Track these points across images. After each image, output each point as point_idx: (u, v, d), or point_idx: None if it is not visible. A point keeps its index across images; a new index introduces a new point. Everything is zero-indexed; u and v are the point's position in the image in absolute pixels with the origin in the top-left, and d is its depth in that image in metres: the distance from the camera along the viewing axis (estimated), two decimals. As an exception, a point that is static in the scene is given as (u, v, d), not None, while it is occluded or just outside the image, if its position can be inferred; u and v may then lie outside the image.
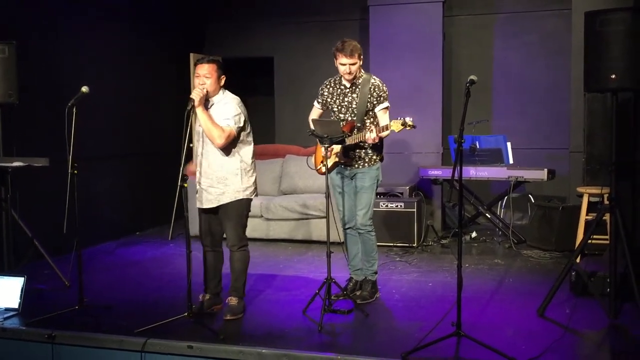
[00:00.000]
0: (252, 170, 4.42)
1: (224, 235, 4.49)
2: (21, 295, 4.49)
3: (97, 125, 6.66)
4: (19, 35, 5.46)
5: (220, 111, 4.25)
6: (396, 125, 4.31)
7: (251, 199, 4.46)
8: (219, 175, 4.30)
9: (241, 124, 4.27)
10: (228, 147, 4.27)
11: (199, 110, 4.16)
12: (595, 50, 4.19)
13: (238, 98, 4.36)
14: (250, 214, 6.78)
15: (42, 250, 5.28)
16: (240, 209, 4.39)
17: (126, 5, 7.44)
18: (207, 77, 4.22)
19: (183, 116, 4.20)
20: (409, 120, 4.28)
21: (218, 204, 4.34)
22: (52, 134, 4.79)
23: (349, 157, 4.64)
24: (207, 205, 4.35)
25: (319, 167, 4.81)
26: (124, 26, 7.42)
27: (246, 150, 4.38)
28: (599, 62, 4.16)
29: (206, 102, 4.28)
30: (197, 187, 4.39)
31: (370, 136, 4.41)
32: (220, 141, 4.18)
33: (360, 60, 4.58)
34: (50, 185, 5.50)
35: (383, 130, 4.41)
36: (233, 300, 4.41)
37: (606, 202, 4.45)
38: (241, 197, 4.36)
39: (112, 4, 7.19)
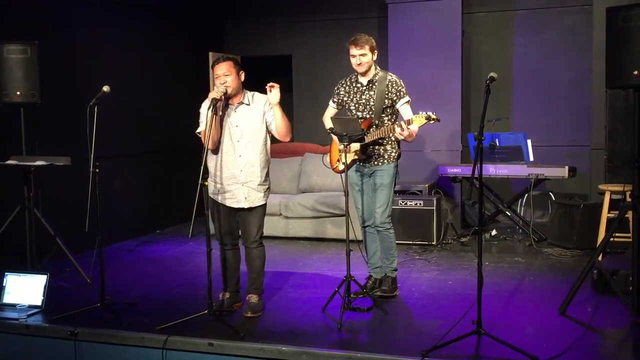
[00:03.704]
0: None
1: (245, 233, 4.48)
2: (44, 292, 4.54)
3: (117, 123, 6.73)
4: (39, 35, 5.52)
5: (265, 107, 4.32)
6: (419, 120, 4.30)
7: None
8: (264, 173, 4.37)
9: None
10: (268, 147, 4.38)
11: (277, 109, 4.25)
12: (617, 46, 4.14)
13: None
14: (269, 212, 6.87)
15: (64, 248, 5.35)
16: (266, 206, 4.48)
17: (145, 5, 7.48)
18: (226, 75, 4.24)
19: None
20: (432, 114, 4.28)
21: (265, 201, 4.40)
22: (74, 133, 4.84)
23: (368, 154, 4.64)
24: (256, 203, 4.36)
25: (335, 165, 4.81)
26: (142, 26, 7.47)
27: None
28: (621, 58, 4.11)
29: (227, 100, 4.31)
30: (234, 187, 4.33)
31: (403, 133, 4.35)
32: (290, 136, 4.36)
33: (372, 53, 4.57)
34: (72, 183, 5.56)
35: (408, 125, 4.39)
36: (253, 298, 4.44)
37: (629, 199, 4.40)
38: (268, 195, 4.47)
39: (131, 3, 7.24)
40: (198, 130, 4.36)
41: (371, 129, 4.56)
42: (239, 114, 4.30)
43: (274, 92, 4.21)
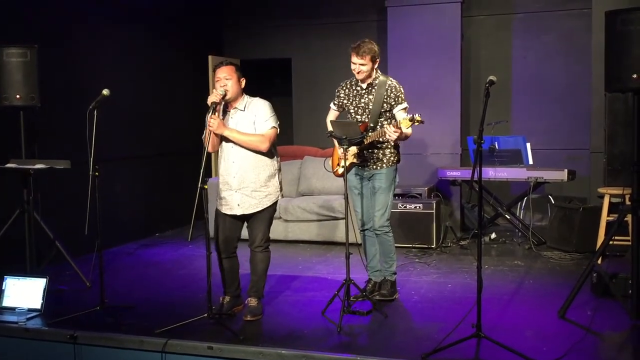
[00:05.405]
0: (280, 169, 4.49)
1: (250, 237, 4.47)
2: (43, 296, 4.53)
3: (116, 127, 6.72)
4: (39, 38, 5.51)
5: (256, 114, 4.30)
6: (405, 123, 4.31)
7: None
8: (262, 178, 4.33)
9: (278, 122, 4.37)
10: (269, 149, 4.33)
11: (227, 133, 4.22)
12: (616, 50, 4.15)
13: (267, 101, 4.40)
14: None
15: (64, 251, 5.35)
16: (274, 209, 4.45)
17: (144, 8, 7.49)
18: (227, 79, 4.26)
19: (201, 117, 4.25)
20: (417, 116, 4.28)
21: (262, 208, 4.35)
22: (74, 136, 4.84)
23: (366, 157, 4.64)
24: (250, 210, 4.33)
25: (335, 169, 4.82)
26: (142, 29, 7.48)
27: (276, 149, 4.44)
28: (620, 61, 4.11)
29: (226, 106, 4.33)
30: (228, 193, 4.34)
31: (393, 136, 4.38)
32: (265, 145, 4.26)
33: (372, 63, 4.55)
34: (72, 187, 5.56)
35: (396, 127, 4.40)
36: (253, 301, 4.43)
37: (628, 202, 4.41)
38: (277, 198, 4.43)
39: (130, 6, 7.25)
40: (203, 136, 4.37)
41: (368, 133, 4.56)
42: (234, 120, 4.32)
43: (212, 124, 4.19)
